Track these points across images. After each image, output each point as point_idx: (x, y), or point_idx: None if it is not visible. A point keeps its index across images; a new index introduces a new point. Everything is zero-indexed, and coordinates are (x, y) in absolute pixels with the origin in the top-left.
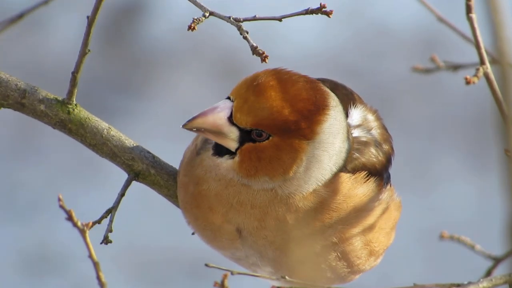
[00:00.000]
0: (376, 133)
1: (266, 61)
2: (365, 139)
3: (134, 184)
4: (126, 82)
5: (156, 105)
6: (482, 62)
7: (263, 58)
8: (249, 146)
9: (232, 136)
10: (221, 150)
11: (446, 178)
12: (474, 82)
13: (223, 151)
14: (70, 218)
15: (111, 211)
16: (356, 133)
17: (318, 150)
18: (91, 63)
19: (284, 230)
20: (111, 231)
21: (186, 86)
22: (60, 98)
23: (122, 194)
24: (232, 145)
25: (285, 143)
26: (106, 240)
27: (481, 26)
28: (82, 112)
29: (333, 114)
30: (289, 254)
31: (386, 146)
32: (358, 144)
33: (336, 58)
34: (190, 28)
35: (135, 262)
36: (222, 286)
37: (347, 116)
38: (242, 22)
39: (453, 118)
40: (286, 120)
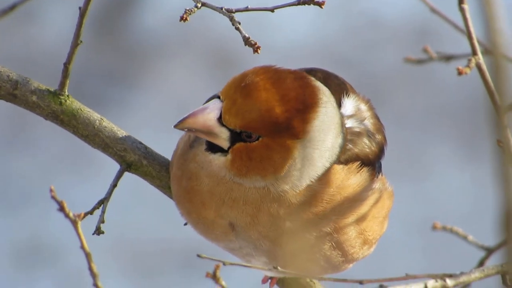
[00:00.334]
0: (369, 123)
1: (258, 51)
2: (358, 130)
3: (126, 175)
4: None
5: (148, 96)
6: (474, 53)
7: (255, 48)
8: (240, 146)
9: (223, 136)
10: (214, 145)
11: (439, 168)
12: (466, 73)
13: (216, 147)
14: (62, 209)
15: (103, 202)
16: (349, 123)
17: (309, 148)
18: (84, 55)
19: (277, 224)
20: (103, 222)
21: (179, 77)
22: (52, 89)
23: (114, 185)
24: (224, 143)
25: (275, 143)
26: (98, 231)
27: (473, 17)
28: (74, 103)
29: (323, 111)
30: (283, 246)
31: (379, 136)
32: (351, 135)
33: (328, 48)
34: (182, 19)
35: (127, 253)
36: (214, 277)
37: (340, 106)
38: (234, 13)
39: (445, 109)
40: (274, 121)
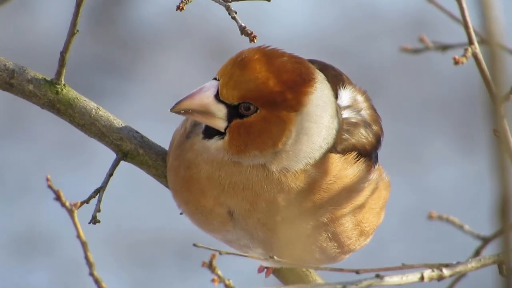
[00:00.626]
0: (365, 114)
1: (255, 41)
2: (354, 120)
3: (123, 164)
4: (115, 64)
5: (144, 86)
6: (471, 42)
7: (252, 38)
8: (237, 122)
9: (220, 114)
10: (210, 133)
11: (435, 159)
12: (462, 62)
13: (213, 133)
14: (58, 198)
15: (100, 191)
16: (345, 114)
17: (307, 122)
18: (80, 45)
19: (275, 211)
20: (99, 211)
21: (175, 67)
22: (48, 78)
23: (110, 174)
24: (221, 124)
25: (273, 115)
26: (94, 219)
27: (469, 6)
28: (70, 92)
29: (320, 87)
30: (280, 235)
31: (375, 127)
32: (348, 125)
33: (325, 39)
34: (178, 8)
35: (124, 243)
36: (211, 266)
37: (337, 97)
38: (230, 2)
39: (442, 100)
40: (272, 91)
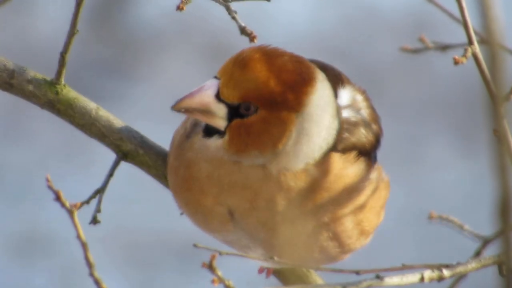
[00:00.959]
0: (365, 113)
1: (255, 41)
2: (354, 120)
3: (123, 164)
4: (115, 64)
5: (144, 87)
6: (471, 42)
7: (252, 38)
8: (237, 122)
9: (220, 113)
10: (210, 132)
11: (435, 158)
12: (462, 62)
13: (212, 132)
14: (58, 198)
15: (100, 192)
16: (345, 113)
17: (307, 122)
18: (81, 46)
19: (275, 211)
20: (100, 212)
21: (175, 68)
22: (48, 79)
23: (110, 175)
24: (221, 123)
25: (273, 116)
26: (94, 220)
27: (469, 6)
28: (70, 92)
29: (320, 86)
30: (280, 235)
31: (375, 126)
32: (348, 124)
33: (324, 39)
34: (178, 8)
35: (124, 243)
36: (210, 267)
37: (336, 97)
38: (230, 2)
39: (441, 100)
40: (272, 90)
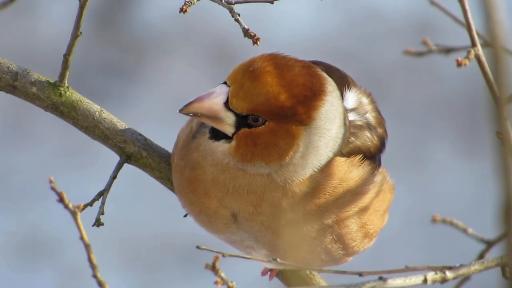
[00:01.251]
0: (370, 116)
1: (258, 43)
2: (360, 123)
3: (126, 166)
4: (119, 67)
5: (148, 89)
6: (474, 44)
7: (255, 40)
8: (245, 131)
9: (228, 121)
10: (217, 134)
11: (439, 161)
12: (465, 64)
13: (220, 135)
14: (61, 200)
15: (103, 194)
16: (351, 116)
17: (315, 136)
18: (84, 48)
19: (280, 215)
20: (103, 214)
21: (178, 70)
22: (52, 81)
23: (113, 177)
24: (228, 129)
25: (281, 129)
26: (98, 222)
27: (472, 8)
28: (74, 94)
29: (329, 100)
30: (285, 238)
31: (380, 130)
32: (354, 128)
33: (328, 42)
34: (182, 10)
35: (127, 245)
36: (214, 269)
37: (343, 99)
38: (234, 4)
39: (445, 102)
40: (282, 105)
